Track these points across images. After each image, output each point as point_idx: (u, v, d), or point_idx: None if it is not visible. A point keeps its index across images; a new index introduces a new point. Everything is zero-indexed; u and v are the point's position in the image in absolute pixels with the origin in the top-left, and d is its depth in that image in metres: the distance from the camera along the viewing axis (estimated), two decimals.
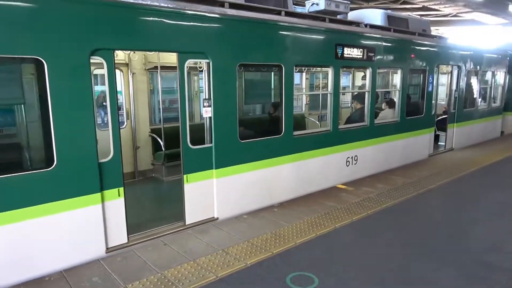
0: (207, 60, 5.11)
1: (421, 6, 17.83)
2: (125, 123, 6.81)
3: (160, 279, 3.94)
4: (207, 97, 4.99)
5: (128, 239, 4.67)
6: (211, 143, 5.28)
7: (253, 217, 5.66)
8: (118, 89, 6.69)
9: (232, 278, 3.97)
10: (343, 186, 7.29)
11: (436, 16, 20.91)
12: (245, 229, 5.24)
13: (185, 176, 5.02)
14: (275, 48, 5.93)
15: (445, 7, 17.72)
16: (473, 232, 5.19)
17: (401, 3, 17.65)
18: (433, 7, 17.77)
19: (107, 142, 4.32)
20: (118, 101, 4.37)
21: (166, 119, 7.20)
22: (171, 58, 5.56)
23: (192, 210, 5.21)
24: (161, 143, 4.95)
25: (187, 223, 5.15)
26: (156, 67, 5.05)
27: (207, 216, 5.44)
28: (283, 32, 6.00)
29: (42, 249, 4.02)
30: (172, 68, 6.63)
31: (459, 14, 19.76)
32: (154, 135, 4.87)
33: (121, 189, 4.53)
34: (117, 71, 6.57)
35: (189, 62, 4.93)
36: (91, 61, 4.06)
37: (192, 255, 4.46)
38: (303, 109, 9.94)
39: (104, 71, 4.23)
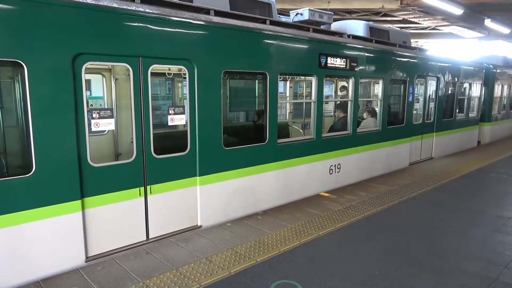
0: (192, 67, 5.09)
1: (401, 19, 18.35)
2: (107, 130, 6.68)
3: None
4: (178, 104, 4.92)
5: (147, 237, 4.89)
6: (186, 150, 5.19)
7: (237, 225, 5.63)
8: (99, 94, 6.61)
9: (216, 287, 3.92)
10: (326, 194, 7.34)
11: (416, 28, 21.56)
12: (229, 237, 5.20)
13: (148, 187, 4.85)
14: (260, 56, 5.96)
15: (424, 20, 18.27)
16: (452, 240, 5.29)
17: (382, 16, 18.10)
18: (412, 20, 18.29)
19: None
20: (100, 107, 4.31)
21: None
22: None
23: (162, 221, 5.08)
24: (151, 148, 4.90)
25: (150, 236, 4.99)
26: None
27: (189, 225, 5.37)
28: (268, 41, 6.05)
29: (18, 257, 3.89)
30: (158, 74, 6.56)
31: (438, 27, 20.41)
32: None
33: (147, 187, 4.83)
34: (99, 76, 6.48)
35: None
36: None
37: (175, 264, 4.39)
38: (287, 117, 10.00)
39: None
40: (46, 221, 3.99)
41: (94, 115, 4.32)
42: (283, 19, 7.21)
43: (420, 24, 19.48)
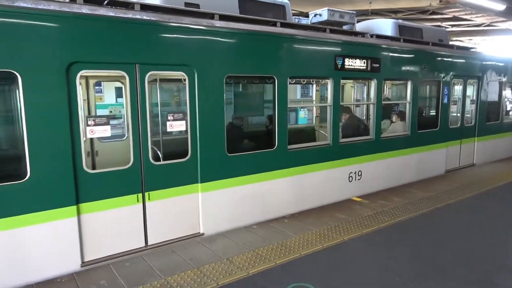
0: (192, 72, 5.02)
1: (451, 16, 17.42)
2: (126, 135, 6.87)
3: (163, 284, 4.09)
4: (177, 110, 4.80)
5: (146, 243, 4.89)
6: (187, 157, 5.14)
7: (261, 228, 5.72)
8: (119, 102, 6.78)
9: (232, 287, 4.06)
10: (358, 199, 7.20)
11: (468, 26, 20.31)
12: (252, 239, 5.31)
13: (146, 193, 4.84)
14: (266, 59, 5.75)
15: (476, 16, 17.21)
16: (486, 250, 4.99)
17: (430, 14, 17.30)
18: (464, 17, 17.28)
19: None
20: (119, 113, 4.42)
21: (165, 131, 6.96)
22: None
23: (161, 228, 5.03)
24: (160, 155, 5.02)
25: (149, 243, 4.96)
26: (155, 80, 5.12)
27: (190, 232, 5.29)
28: (276, 44, 5.83)
29: (14, 260, 4.05)
30: (171, 81, 6.47)
31: (493, 24, 19.10)
32: (154, 147, 4.93)
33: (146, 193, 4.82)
34: (119, 84, 6.53)
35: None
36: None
37: (196, 263, 4.59)
38: (313, 121, 9.77)
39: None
40: (41, 225, 4.10)
41: (89, 122, 4.39)
42: (303, 21, 7.08)
43: (473, 21, 18.35)
